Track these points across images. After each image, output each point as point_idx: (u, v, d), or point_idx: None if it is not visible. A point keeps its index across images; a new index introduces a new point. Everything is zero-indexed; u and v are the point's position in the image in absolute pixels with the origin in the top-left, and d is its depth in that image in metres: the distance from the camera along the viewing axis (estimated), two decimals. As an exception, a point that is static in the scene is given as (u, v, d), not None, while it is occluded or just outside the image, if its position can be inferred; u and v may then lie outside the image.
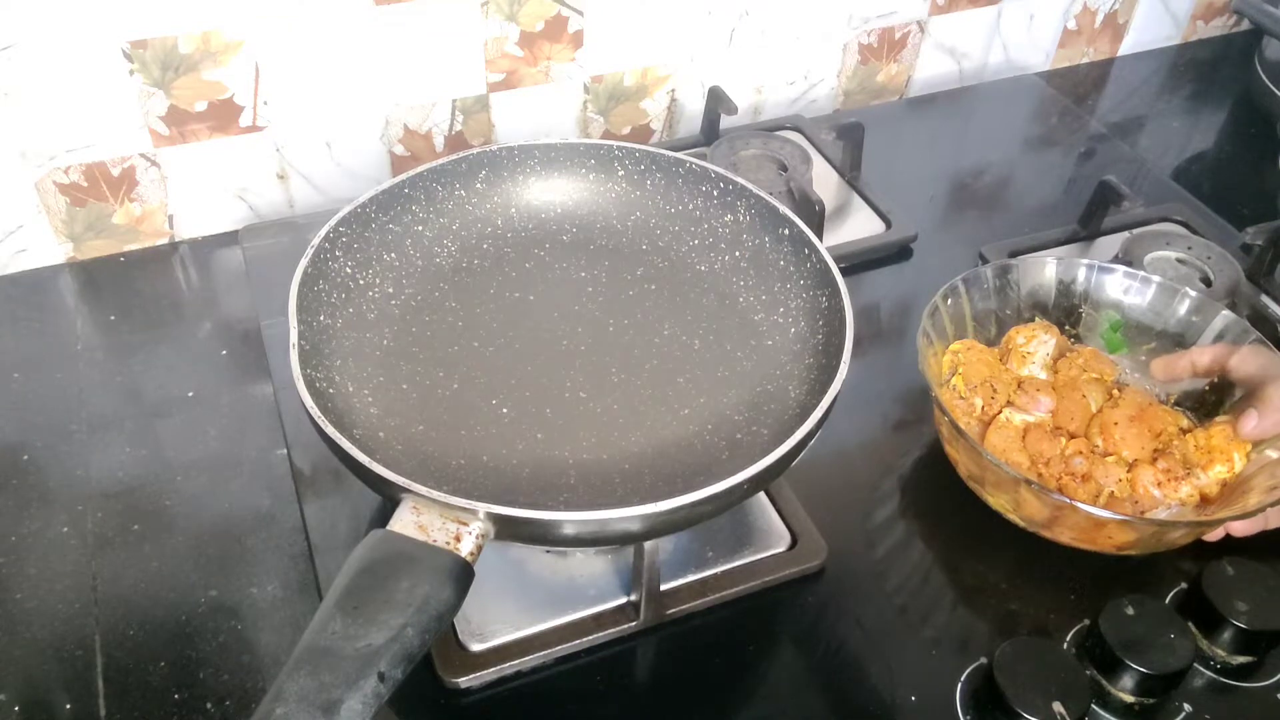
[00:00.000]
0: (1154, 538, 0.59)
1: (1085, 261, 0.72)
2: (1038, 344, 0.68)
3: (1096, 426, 0.64)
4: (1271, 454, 0.61)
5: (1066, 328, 0.72)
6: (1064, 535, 0.60)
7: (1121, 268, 0.71)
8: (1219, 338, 0.68)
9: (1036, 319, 0.71)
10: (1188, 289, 0.70)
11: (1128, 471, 0.62)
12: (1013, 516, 0.62)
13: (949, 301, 0.67)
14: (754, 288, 0.67)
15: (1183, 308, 0.69)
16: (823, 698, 0.56)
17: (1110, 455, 0.63)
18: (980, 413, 0.65)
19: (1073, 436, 0.64)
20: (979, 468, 0.61)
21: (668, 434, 0.58)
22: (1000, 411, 0.65)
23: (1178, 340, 0.69)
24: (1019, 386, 0.66)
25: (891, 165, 0.93)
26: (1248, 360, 0.64)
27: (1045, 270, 0.72)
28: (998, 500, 0.62)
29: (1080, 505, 0.56)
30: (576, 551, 0.60)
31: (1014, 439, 0.63)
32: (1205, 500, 0.61)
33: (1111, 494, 0.61)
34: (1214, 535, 0.62)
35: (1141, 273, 0.71)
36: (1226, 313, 0.68)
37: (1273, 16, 0.99)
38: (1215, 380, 0.67)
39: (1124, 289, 0.71)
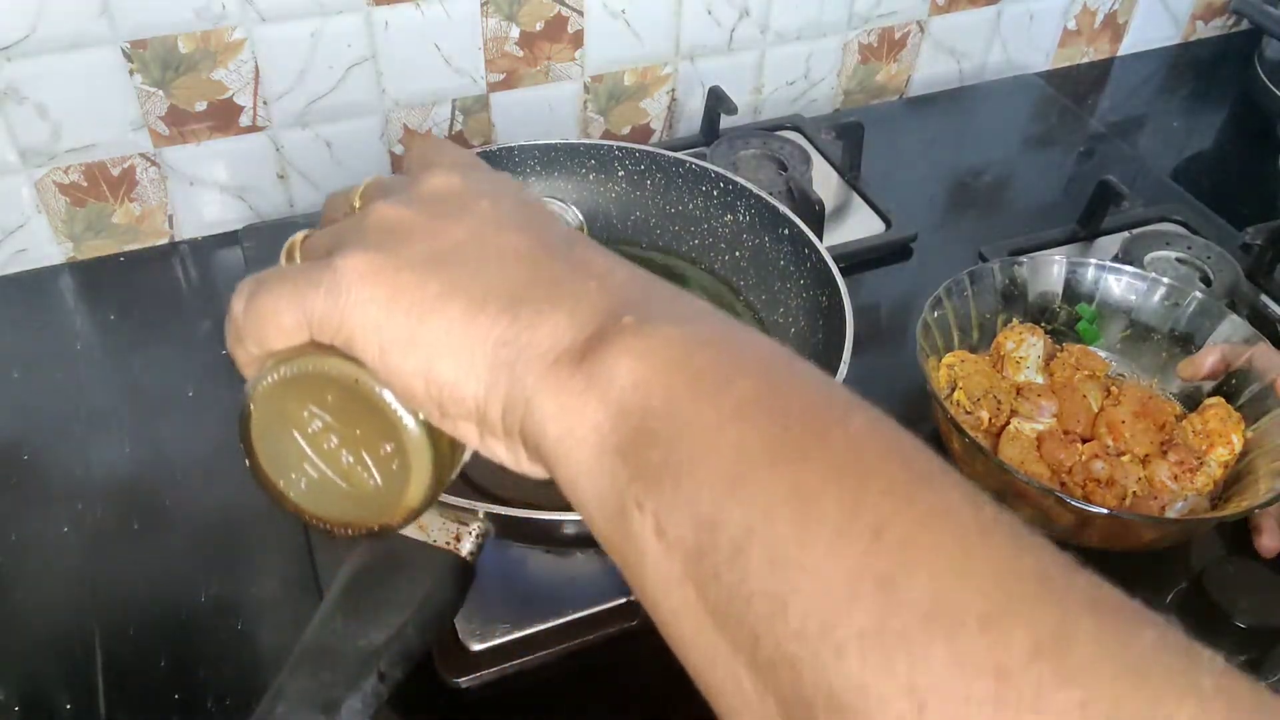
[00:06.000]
0: (1183, 532, 0.59)
1: (1093, 261, 0.72)
2: (1028, 347, 0.68)
3: (1104, 425, 0.64)
4: (1269, 436, 0.62)
5: (1043, 324, 0.72)
6: (1092, 539, 0.60)
7: (1129, 268, 0.72)
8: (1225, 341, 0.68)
9: (1015, 321, 0.71)
10: (1196, 292, 0.70)
11: (1142, 467, 0.62)
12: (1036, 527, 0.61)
13: (936, 314, 0.67)
14: (754, 288, 0.67)
15: (1190, 309, 0.70)
16: (823, 697, 0.56)
17: (1124, 454, 0.63)
18: (987, 425, 0.65)
19: (1082, 439, 0.64)
20: (1001, 484, 0.61)
21: (668, 433, 0.58)
22: (1008, 422, 0.65)
23: (1185, 340, 0.70)
24: (1018, 393, 0.66)
25: (891, 165, 0.93)
26: (1268, 355, 0.66)
27: (1051, 270, 0.72)
28: (1021, 513, 0.61)
29: (1126, 515, 0.57)
30: (576, 551, 0.60)
31: (1028, 449, 0.63)
32: (1214, 484, 0.62)
33: (1134, 494, 0.61)
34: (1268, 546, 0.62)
35: (1151, 274, 0.71)
36: (1233, 317, 0.68)
37: (1273, 16, 0.99)
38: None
39: (1131, 289, 0.71)
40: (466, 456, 0.34)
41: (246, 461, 0.34)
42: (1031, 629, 0.21)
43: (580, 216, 0.48)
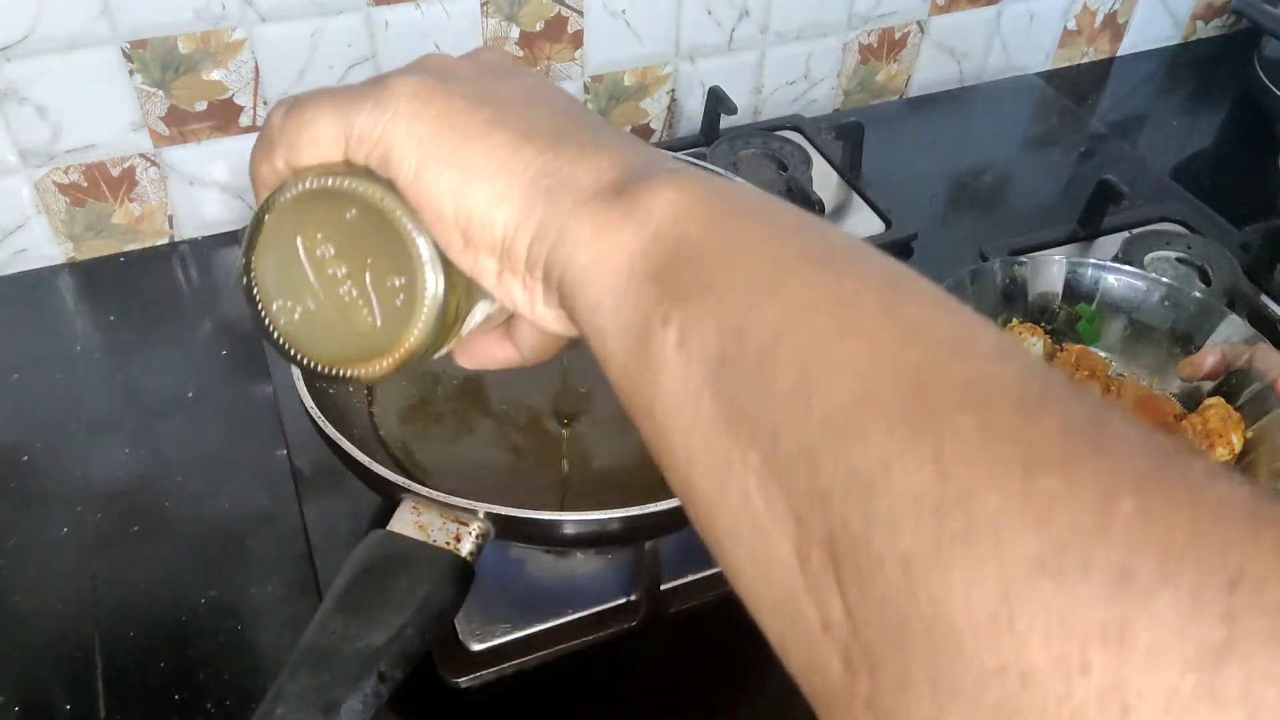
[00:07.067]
0: None
1: (1093, 261, 0.72)
2: (1028, 346, 0.68)
3: None
4: (1269, 436, 0.62)
5: (1043, 324, 0.72)
6: None
7: (1129, 268, 0.72)
8: (1225, 340, 0.68)
9: (1015, 321, 0.71)
10: (1196, 292, 0.70)
11: None
12: None
13: None
14: (754, 287, 0.67)
15: (1190, 309, 0.70)
16: (823, 698, 0.56)
17: None
18: None
19: None
20: None
21: (668, 434, 0.58)
22: None
23: (1185, 340, 0.70)
24: None
25: (891, 165, 0.93)
26: (1269, 355, 0.65)
27: (1051, 269, 0.72)
28: None
29: None
30: (576, 551, 0.60)
31: None
32: None
33: None
34: None
35: (1151, 274, 0.72)
36: (1233, 316, 0.68)
37: (1273, 16, 0.99)
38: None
39: (1131, 289, 0.71)
40: (470, 324, 0.34)
41: (244, 278, 0.33)
42: (1063, 412, 0.21)
43: None
